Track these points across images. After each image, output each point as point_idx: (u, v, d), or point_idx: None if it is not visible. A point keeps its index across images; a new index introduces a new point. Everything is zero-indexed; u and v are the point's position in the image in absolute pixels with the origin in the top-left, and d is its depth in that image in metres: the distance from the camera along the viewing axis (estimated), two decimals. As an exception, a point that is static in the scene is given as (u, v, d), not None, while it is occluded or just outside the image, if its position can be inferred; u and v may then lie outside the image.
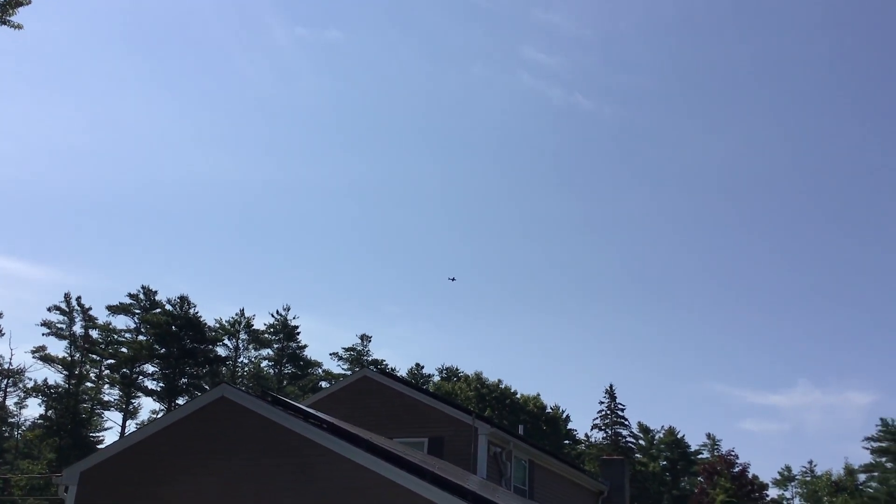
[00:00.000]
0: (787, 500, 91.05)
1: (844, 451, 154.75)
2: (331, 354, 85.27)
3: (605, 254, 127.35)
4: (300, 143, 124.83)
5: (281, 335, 79.56)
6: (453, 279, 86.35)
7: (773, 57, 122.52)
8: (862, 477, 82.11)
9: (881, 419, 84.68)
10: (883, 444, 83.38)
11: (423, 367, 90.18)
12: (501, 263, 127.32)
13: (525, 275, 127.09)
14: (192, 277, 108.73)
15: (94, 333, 69.43)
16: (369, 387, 24.03)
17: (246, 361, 78.52)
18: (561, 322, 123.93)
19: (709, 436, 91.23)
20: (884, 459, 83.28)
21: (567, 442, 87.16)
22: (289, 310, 79.92)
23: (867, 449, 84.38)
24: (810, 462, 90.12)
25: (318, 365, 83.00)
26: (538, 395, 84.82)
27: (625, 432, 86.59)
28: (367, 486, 12.87)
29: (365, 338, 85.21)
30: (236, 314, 77.17)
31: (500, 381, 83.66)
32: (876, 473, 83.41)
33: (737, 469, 69.92)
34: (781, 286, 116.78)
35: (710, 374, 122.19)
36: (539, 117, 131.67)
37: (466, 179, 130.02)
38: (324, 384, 73.98)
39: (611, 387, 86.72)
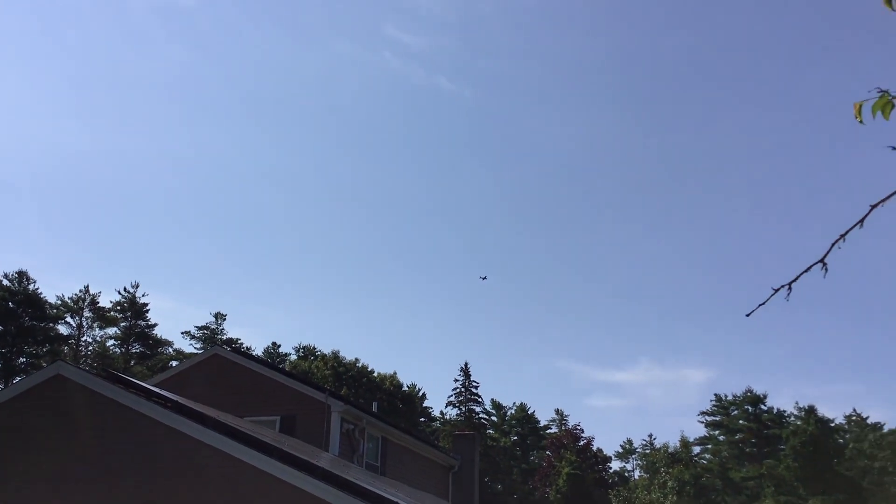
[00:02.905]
0: (629, 471, 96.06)
1: (681, 424, 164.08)
2: (182, 333, 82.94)
3: (458, 232, 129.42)
4: (151, 113, 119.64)
5: (129, 313, 76.55)
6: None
7: (625, 47, 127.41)
8: (696, 449, 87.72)
9: (715, 395, 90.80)
10: (716, 418, 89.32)
11: (279, 346, 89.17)
12: (355, 242, 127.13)
13: (381, 254, 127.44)
14: (31, 252, 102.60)
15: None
16: (220, 365, 23.60)
17: (90, 340, 75.16)
18: (417, 301, 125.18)
19: (557, 411, 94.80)
20: (717, 432, 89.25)
21: (423, 419, 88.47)
22: (137, 287, 77.06)
23: (702, 423, 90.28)
24: (650, 435, 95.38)
25: (169, 344, 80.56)
26: (395, 373, 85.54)
27: (478, 409, 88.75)
28: (213, 465, 12.67)
29: (220, 316, 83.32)
30: (80, 291, 73.70)
31: (357, 359, 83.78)
32: (710, 446, 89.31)
33: (582, 443, 73.14)
34: (624, 267, 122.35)
35: (560, 353, 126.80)
36: (399, 97, 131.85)
37: (320, 156, 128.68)
38: (174, 364, 71.77)
39: (465, 365, 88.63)
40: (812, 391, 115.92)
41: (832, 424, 74.98)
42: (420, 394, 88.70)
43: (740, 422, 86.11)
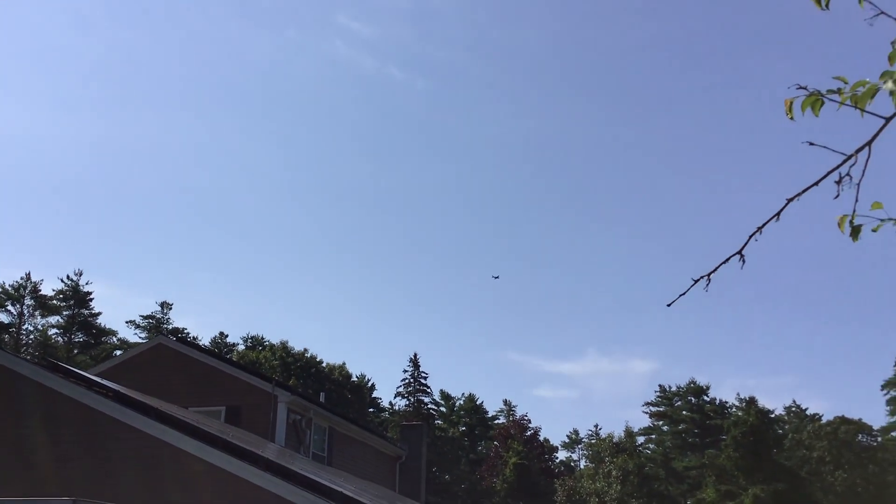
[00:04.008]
0: (575, 461, 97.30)
1: (627, 415, 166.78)
2: (127, 322, 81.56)
3: (409, 222, 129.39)
4: (92, 99, 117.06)
5: (72, 301, 75.04)
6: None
7: (580, 38, 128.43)
8: (641, 439, 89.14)
9: (659, 385, 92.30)
10: (660, 409, 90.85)
11: (227, 336, 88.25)
12: (304, 231, 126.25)
13: (330, 244, 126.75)
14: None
15: None
16: (165, 355, 23.31)
17: (31, 329, 73.52)
18: (367, 292, 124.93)
19: (505, 402, 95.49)
20: (661, 423, 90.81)
21: (372, 410, 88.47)
22: (81, 275, 75.52)
23: (646, 413, 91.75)
24: (596, 426, 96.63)
25: (113, 333, 79.22)
26: (344, 363, 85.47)
27: (427, 400, 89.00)
28: (155, 456, 12.55)
29: (165, 305, 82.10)
30: (21, 278, 71.98)
31: (305, 349, 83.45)
32: (654, 436, 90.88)
33: (529, 433, 73.79)
34: (573, 259, 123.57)
35: (509, 344, 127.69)
36: (350, 86, 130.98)
37: (267, 143, 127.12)
38: (118, 353, 70.60)
39: (415, 356, 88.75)
40: (753, 383, 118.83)
41: (772, 415, 76.76)
42: (369, 384, 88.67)
43: (683, 412, 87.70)
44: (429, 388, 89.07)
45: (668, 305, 3.78)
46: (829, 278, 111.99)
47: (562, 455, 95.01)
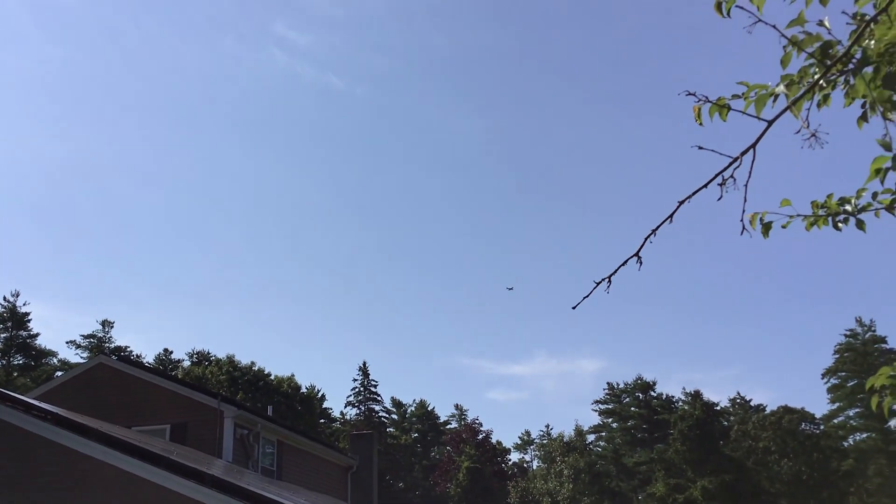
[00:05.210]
0: (527, 462, 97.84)
1: (577, 414, 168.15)
2: (68, 343, 79.71)
3: (354, 230, 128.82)
4: (25, 114, 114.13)
5: (9, 323, 73.01)
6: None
7: (520, 43, 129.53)
8: (591, 437, 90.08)
9: (608, 383, 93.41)
10: (609, 406, 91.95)
11: (171, 353, 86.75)
12: (247, 244, 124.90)
13: (275, 255, 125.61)
14: None
15: None
16: (106, 375, 22.87)
17: (-33, 353, 71.28)
18: (314, 303, 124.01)
19: (457, 407, 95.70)
20: (610, 420, 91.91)
21: (322, 420, 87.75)
22: (18, 295, 73.57)
23: (596, 411, 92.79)
24: (547, 426, 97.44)
25: (53, 354, 77.27)
26: (292, 375, 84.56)
27: (378, 408, 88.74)
28: (98, 478, 12.31)
29: (107, 324, 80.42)
30: (-46, 301, 69.78)
31: (253, 363, 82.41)
32: (604, 433, 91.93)
33: (481, 437, 74.05)
34: (519, 260, 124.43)
35: (459, 349, 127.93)
36: (288, 95, 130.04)
37: (205, 155, 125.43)
38: (59, 375, 68.87)
39: (364, 364, 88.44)
40: (699, 377, 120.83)
41: (717, 408, 78.25)
42: (319, 395, 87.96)
43: (632, 409, 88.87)
44: (379, 395, 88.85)
45: (574, 308, 3.88)
46: (767, 273, 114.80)
47: (514, 457, 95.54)
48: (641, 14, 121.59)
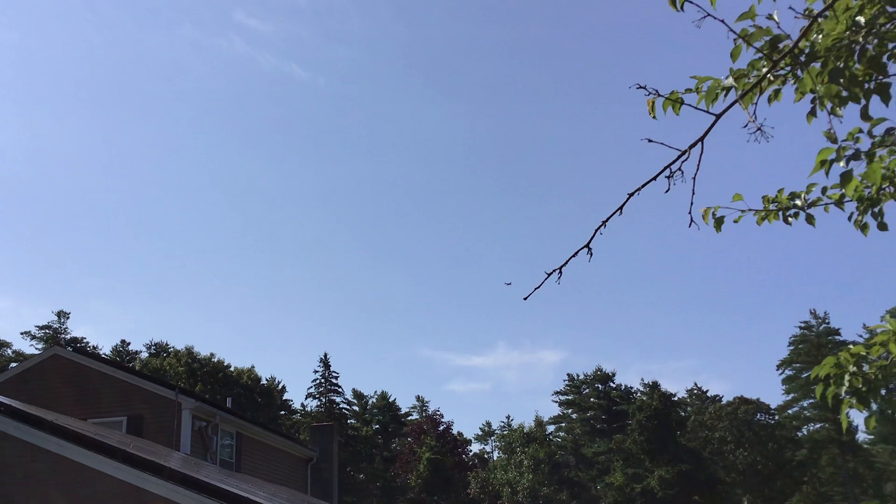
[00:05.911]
0: (488, 453, 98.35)
1: (537, 405, 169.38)
2: (22, 334, 78.38)
3: (316, 221, 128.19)
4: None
5: (-40, 314, 71.60)
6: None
7: (484, 37, 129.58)
8: (551, 428, 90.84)
9: (568, 374, 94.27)
10: (569, 397, 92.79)
11: (129, 344, 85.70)
12: (206, 232, 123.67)
13: (233, 244, 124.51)
14: None
15: None
16: (61, 366, 22.51)
17: (-83, 345, 69.77)
18: (274, 294, 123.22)
19: (418, 398, 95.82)
20: (570, 411, 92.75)
21: (283, 412, 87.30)
22: (-30, 286, 72.11)
23: (556, 402, 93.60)
24: (508, 417, 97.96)
25: (7, 346, 75.98)
26: (252, 367, 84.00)
27: (339, 399, 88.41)
28: (50, 471, 12.12)
29: (62, 314, 79.16)
30: None
31: (212, 354, 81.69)
32: (563, 424, 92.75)
33: (442, 428, 74.21)
34: (480, 252, 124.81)
35: (420, 340, 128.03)
36: (249, 83, 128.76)
37: (164, 143, 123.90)
38: (14, 366, 67.68)
39: (325, 356, 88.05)
40: (656, 367, 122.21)
41: (675, 399, 79.32)
42: (279, 387, 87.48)
43: (591, 400, 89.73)
44: (340, 387, 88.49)
45: (525, 299, 3.91)
46: (724, 265, 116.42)
47: (475, 448, 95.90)
48: (604, 8, 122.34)
